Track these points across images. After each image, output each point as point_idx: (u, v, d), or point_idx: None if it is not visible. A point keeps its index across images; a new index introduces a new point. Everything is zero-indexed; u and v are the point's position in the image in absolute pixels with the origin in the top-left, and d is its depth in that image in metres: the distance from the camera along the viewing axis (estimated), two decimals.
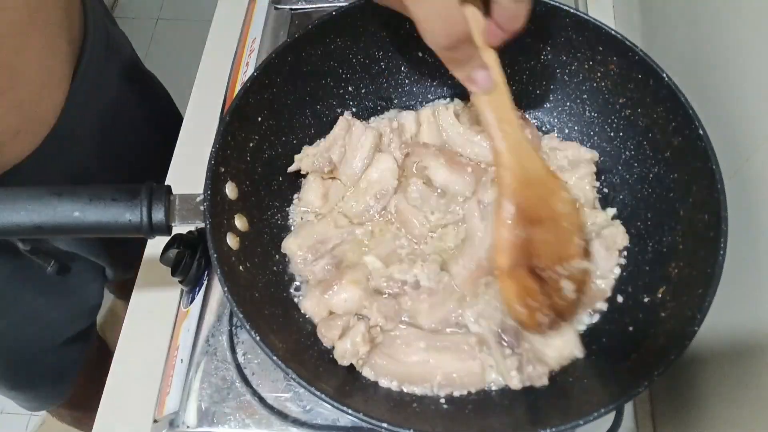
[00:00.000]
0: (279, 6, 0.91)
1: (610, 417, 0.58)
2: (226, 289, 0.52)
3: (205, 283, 0.68)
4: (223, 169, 0.59)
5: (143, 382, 0.68)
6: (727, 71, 0.59)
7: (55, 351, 0.99)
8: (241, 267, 0.58)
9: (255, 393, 0.61)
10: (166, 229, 0.56)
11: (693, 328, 0.49)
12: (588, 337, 0.60)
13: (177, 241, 0.64)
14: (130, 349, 0.72)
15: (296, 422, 0.60)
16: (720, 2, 0.61)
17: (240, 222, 0.61)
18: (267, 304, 0.59)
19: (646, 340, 0.55)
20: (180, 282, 0.68)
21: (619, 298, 0.61)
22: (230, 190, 0.60)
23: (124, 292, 1.37)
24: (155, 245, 0.77)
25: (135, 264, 0.78)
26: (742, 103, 0.56)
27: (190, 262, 0.65)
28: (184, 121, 0.87)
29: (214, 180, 0.57)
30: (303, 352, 0.58)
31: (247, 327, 0.50)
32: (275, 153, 0.67)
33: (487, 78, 0.53)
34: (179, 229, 0.57)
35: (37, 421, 1.64)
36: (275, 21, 0.90)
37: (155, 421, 0.64)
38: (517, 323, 0.58)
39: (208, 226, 0.54)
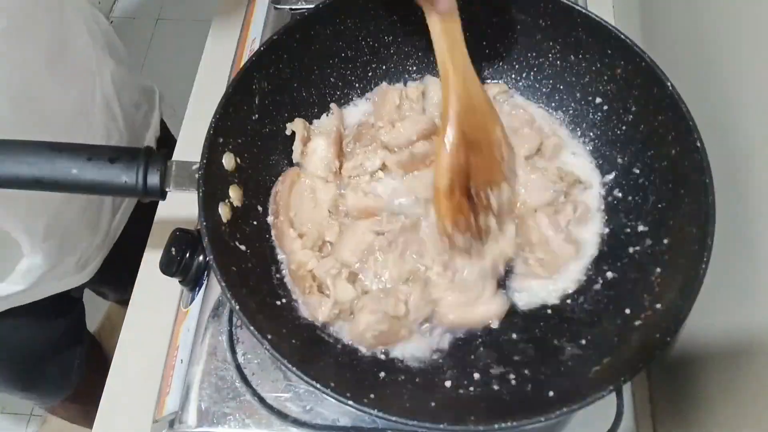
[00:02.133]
0: (279, 6, 0.90)
1: (611, 417, 0.59)
2: (211, 257, 0.53)
3: (205, 283, 0.68)
4: (221, 140, 0.60)
5: (143, 382, 0.69)
6: (726, 71, 0.59)
7: (55, 344, 1.01)
8: (230, 237, 0.59)
9: (255, 393, 0.61)
10: (159, 193, 0.57)
11: (666, 339, 0.50)
12: (567, 334, 0.60)
13: (176, 241, 0.65)
14: (130, 349, 0.73)
15: (296, 422, 0.60)
16: (720, 2, 0.60)
17: (234, 193, 0.61)
18: (253, 278, 0.60)
19: (621, 345, 0.56)
20: (180, 282, 0.68)
21: (604, 302, 0.62)
22: (227, 161, 0.61)
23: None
24: (155, 246, 0.78)
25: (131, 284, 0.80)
26: (741, 103, 0.56)
27: (189, 261, 0.66)
28: (183, 121, 0.88)
29: (212, 149, 0.58)
30: (282, 325, 0.59)
31: (228, 296, 0.51)
32: (276, 128, 0.68)
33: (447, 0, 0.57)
34: (174, 196, 0.58)
35: (37, 420, 1.64)
36: (275, 21, 0.89)
37: (155, 421, 0.64)
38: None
39: (201, 194, 0.55)
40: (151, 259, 0.78)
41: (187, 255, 0.66)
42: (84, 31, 0.80)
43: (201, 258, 0.67)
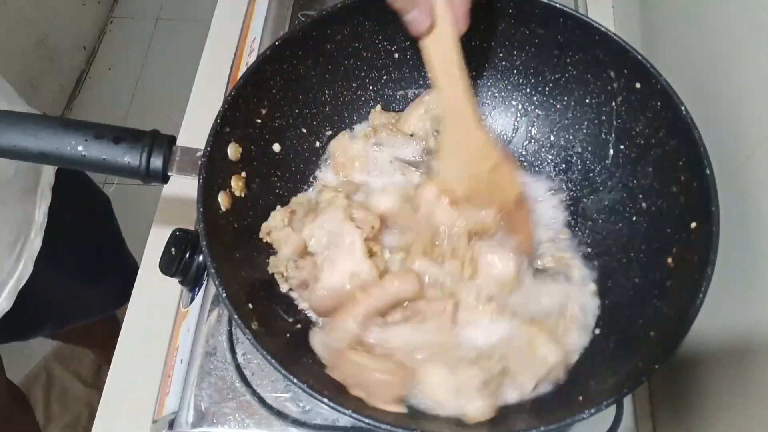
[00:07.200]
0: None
1: (610, 417, 0.58)
2: (204, 243, 0.53)
3: (205, 283, 0.69)
4: (228, 129, 0.60)
5: (143, 382, 0.69)
6: (726, 71, 0.58)
7: None
8: (227, 226, 0.59)
9: (255, 393, 0.61)
10: (161, 177, 0.57)
11: (654, 366, 0.48)
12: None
13: (176, 241, 0.65)
14: (129, 349, 0.73)
15: (296, 422, 0.60)
16: (719, 3, 0.60)
17: (236, 184, 0.62)
18: (246, 268, 0.60)
19: (604, 373, 0.55)
20: (180, 282, 0.69)
21: (598, 330, 0.61)
22: (232, 151, 0.61)
23: (73, 336, 1.32)
24: (155, 246, 0.79)
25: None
26: (740, 103, 0.55)
27: (189, 261, 0.66)
28: (183, 121, 0.89)
29: (217, 138, 0.58)
30: (273, 317, 0.59)
31: (216, 282, 0.51)
32: (286, 123, 0.68)
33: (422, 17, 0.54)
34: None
35: None
36: (275, 21, 0.89)
37: (155, 421, 0.65)
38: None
39: (201, 181, 0.56)
40: (151, 259, 0.78)
41: (187, 255, 0.66)
42: None
43: (201, 258, 0.67)
